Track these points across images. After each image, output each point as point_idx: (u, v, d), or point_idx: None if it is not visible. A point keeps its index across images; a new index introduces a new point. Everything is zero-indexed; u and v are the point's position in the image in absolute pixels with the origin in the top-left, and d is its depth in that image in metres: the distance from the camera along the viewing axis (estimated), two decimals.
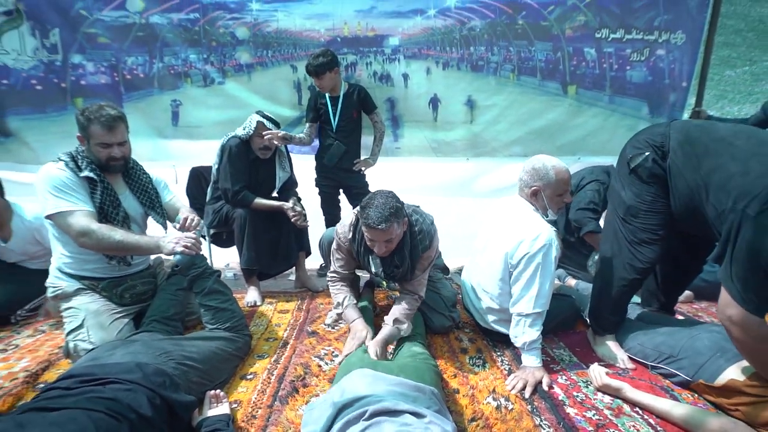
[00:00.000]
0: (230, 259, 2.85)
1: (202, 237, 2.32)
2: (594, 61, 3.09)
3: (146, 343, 1.48)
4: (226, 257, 2.84)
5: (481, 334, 1.98)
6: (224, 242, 2.63)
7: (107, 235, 1.67)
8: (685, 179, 1.45)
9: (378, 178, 2.77)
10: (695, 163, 1.42)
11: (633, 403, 1.46)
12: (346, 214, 2.08)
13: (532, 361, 1.62)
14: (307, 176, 2.74)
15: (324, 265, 2.65)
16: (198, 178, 2.71)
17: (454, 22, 2.99)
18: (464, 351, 1.86)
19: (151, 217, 1.98)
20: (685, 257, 1.78)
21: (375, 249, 1.69)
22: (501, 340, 1.86)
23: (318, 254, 2.43)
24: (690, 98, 3.24)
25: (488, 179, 3.25)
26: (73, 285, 1.79)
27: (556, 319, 1.87)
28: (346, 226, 1.81)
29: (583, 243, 2.47)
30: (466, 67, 3.10)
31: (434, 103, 3.13)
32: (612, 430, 1.34)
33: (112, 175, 1.83)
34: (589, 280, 2.35)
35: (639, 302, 2.06)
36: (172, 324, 1.79)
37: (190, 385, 1.39)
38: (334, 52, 2.53)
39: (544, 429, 1.36)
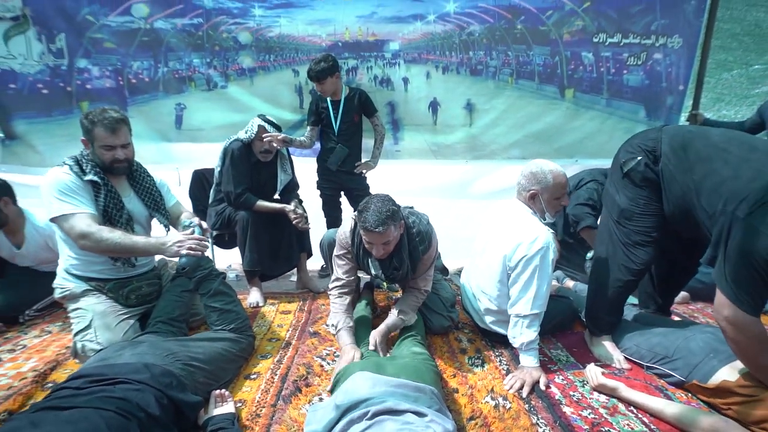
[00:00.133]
0: (232, 260, 2.88)
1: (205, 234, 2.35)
2: (591, 65, 3.13)
3: (153, 344, 1.51)
4: (228, 258, 2.87)
5: (480, 335, 2.01)
6: (226, 243, 2.65)
7: (107, 236, 1.69)
8: (678, 183, 1.49)
9: (378, 181, 2.81)
10: (687, 167, 1.46)
11: (628, 403, 1.49)
12: (347, 216, 2.11)
13: (529, 361, 1.65)
14: (308, 179, 2.77)
15: (325, 267, 2.69)
16: (201, 180, 2.74)
17: (454, 27, 3.03)
18: (463, 351, 1.89)
19: (155, 219, 2.02)
20: (679, 258, 1.81)
21: (373, 252, 1.72)
22: (499, 340, 1.89)
23: (319, 255, 2.47)
24: (687, 101, 3.27)
25: (487, 182, 3.28)
26: (81, 286, 1.83)
27: (554, 320, 1.90)
28: (346, 232, 1.85)
29: (581, 244, 2.51)
30: (466, 71, 3.14)
31: (434, 106, 3.17)
32: (607, 428, 1.38)
33: (116, 177, 1.86)
34: (587, 282, 2.39)
35: (636, 303, 2.09)
36: (177, 325, 1.83)
37: (197, 385, 1.42)
38: (335, 56, 2.56)
39: (541, 427, 1.39)
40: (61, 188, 1.72)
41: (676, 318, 2.12)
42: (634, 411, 1.46)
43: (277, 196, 2.55)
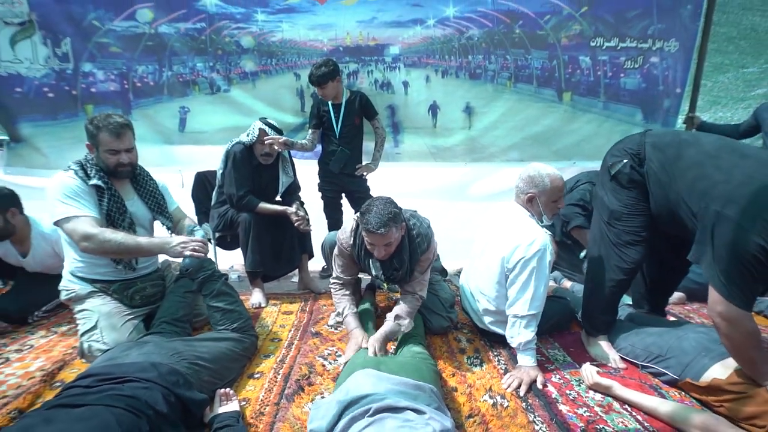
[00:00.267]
0: (234, 261, 2.91)
1: (209, 240, 2.39)
2: (589, 68, 3.17)
3: (159, 344, 1.55)
4: (231, 259, 2.90)
5: (479, 335, 2.04)
6: (228, 245, 2.68)
7: (110, 237, 1.73)
8: (662, 183, 1.57)
9: (379, 183, 2.84)
10: (669, 168, 1.53)
11: (622, 401, 1.53)
12: (348, 218, 2.15)
13: (527, 360, 1.69)
14: (310, 181, 2.80)
15: (326, 268, 2.72)
16: (203, 182, 2.77)
17: (453, 32, 3.07)
18: (462, 351, 1.93)
19: (158, 222, 2.05)
20: (669, 257, 1.86)
21: (375, 253, 1.76)
22: (498, 340, 1.92)
23: (320, 256, 2.50)
24: (684, 104, 3.31)
25: (486, 183, 3.32)
26: (86, 288, 1.86)
27: (551, 320, 1.94)
28: (347, 232, 1.88)
29: (578, 245, 2.54)
30: (465, 75, 3.18)
31: (433, 109, 3.21)
32: (602, 425, 1.41)
33: (120, 181, 1.89)
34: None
35: (630, 303, 2.13)
36: (180, 325, 1.86)
37: (202, 384, 1.45)
38: (336, 61, 2.59)
39: (538, 425, 1.42)
40: (66, 192, 1.75)
41: (672, 318, 2.15)
42: (629, 409, 1.49)
43: (278, 198, 2.58)
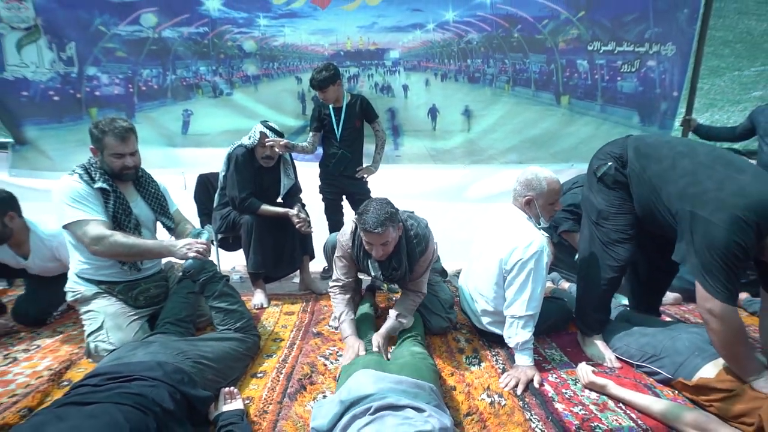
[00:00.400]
0: (236, 262, 2.94)
1: (211, 242, 2.42)
2: (586, 72, 3.20)
3: (164, 344, 1.58)
4: (232, 261, 2.93)
5: (477, 335, 2.08)
6: (230, 246, 2.71)
7: (120, 241, 1.78)
8: (644, 184, 1.65)
9: (379, 185, 2.86)
10: (650, 170, 1.63)
11: (616, 399, 1.56)
12: (349, 219, 2.18)
13: (524, 360, 1.72)
14: (311, 183, 2.83)
15: (327, 268, 2.76)
16: (205, 184, 2.80)
17: (452, 36, 3.10)
18: (461, 351, 1.96)
19: (160, 223, 2.09)
20: (656, 257, 1.92)
21: (373, 252, 1.79)
22: (496, 340, 1.95)
23: (321, 257, 2.53)
24: (681, 107, 3.35)
25: (484, 185, 3.34)
26: (91, 289, 1.90)
27: (549, 320, 1.97)
28: (346, 234, 1.92)
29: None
30: (464, 78, 3.21)
31: (433, 113, 3.25)
32: (596, 423, 1.45)
33: (123, 183, 1.93)
34: None
35: (626, 304, 2.17)
36: (184, 325, 1.89)
37: (206, 383, 1.49)
38: (337, 65, 2.62)
39: (534, 423, 1.46)
40: (73, 196, 1.79)
41: (668, 319, 2.19)
42: (623, 407, 1.53)
43: (280, 200, 2.61)
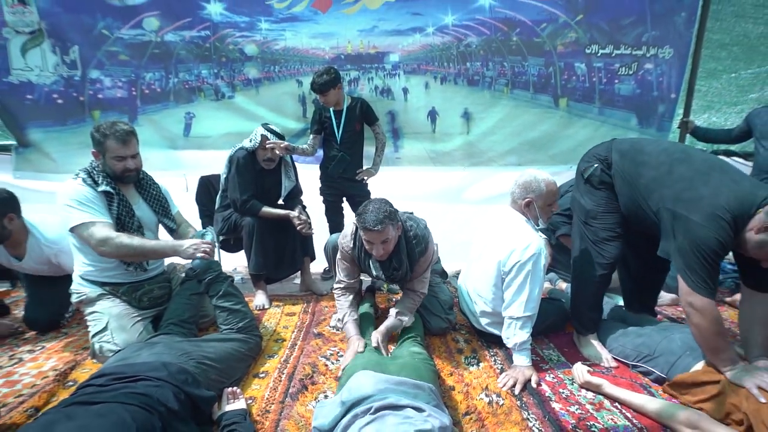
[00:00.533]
0: (237, 263, 2.97)
1: (214, 243, 2.45)
2: (584, 75, 3.23)
3: (168, 345, 1.61)
4: (234, 262, 2.96)
5: (476, 336, 2.10)
6: (232, 247, 2.73)
7: (126, 242, 1.81)
8: (628, 184, 1.73)
9: (379, 187, 2.89)
10: (634, 171, 1.72)
11: (612, 399, 1.59)
12: (349, 221, 2.21)
13: (522, 360, 1.75)
14: (312, 185, 2.86)
15: (328, 269, 2.79)
16: (207, 186, 2.82)
17: (452, 39, 3.13)
18: (460, 351, 1.99)
19: (162, 224, 2.11)
20: (646, 255, 1.94)
21: (373, 252, 1.81)
22: (494, 341, 1.98)
23: (322, 258, 2.56)
24: (678, 109, 3.38)
25: (483, 187, 3.36)
26: (96, 291, 1.93)
27: (546, 321, 2.00)
28: (347, 236, 1.95)
29: None
30: (463, 81, 3.24)
31: (432, 115, 3.27)
32: (592, 422, 1.48)
33: (125, 186, 1.96)
34: None
35: (621, 305, 2.19)
36: (187, 326, 1.91)
37: (209, 382, 1.51)
38: (338, 68, 2.65)
39: (531, 422, 1.49)
40: (79, 199, 1.82)
41: (664, 319, 2.22)
42: (619, 407, 1.56)
43: (281, 202, 2.64)
